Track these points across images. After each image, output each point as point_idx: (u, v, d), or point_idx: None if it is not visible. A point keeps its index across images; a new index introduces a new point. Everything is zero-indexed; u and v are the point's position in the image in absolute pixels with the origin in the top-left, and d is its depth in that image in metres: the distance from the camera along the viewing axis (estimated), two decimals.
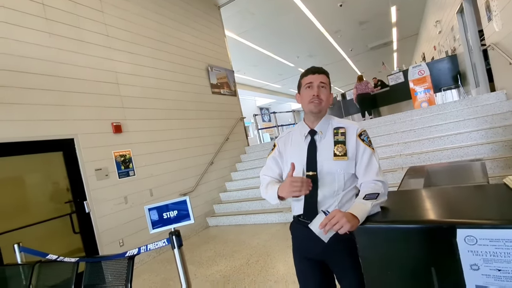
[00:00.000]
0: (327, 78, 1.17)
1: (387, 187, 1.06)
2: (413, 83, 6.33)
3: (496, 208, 0.84)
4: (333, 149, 1.13)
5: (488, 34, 4.24)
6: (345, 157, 1.11)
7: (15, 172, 2.94)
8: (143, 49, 4.50)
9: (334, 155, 1.12)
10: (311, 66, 1.20)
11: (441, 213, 0.86)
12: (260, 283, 2.56)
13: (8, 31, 2.94)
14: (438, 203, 0.95)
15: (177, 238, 1.49)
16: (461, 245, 0.76)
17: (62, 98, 3.29)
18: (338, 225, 0.88)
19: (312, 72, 1.16)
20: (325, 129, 1.18)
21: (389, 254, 0.87)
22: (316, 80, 1.14)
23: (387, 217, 0.92)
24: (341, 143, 1.13)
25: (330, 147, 1.14)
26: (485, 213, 0.81)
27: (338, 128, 1.16)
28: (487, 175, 1.74)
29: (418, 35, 11.54)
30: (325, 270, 1.21)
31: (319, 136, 1.17)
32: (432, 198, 1.02)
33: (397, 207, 1.00)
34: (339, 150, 1.12)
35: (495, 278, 0.74)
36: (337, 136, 1.15)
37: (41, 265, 2.26)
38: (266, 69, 12.39)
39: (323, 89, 1.15)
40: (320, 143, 1.16)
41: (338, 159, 1.11)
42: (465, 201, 0.92)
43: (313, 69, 1.18)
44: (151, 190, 4.14)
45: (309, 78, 1.16)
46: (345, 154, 1.11)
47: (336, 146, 1.13)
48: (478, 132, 3.77)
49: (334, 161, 1.11)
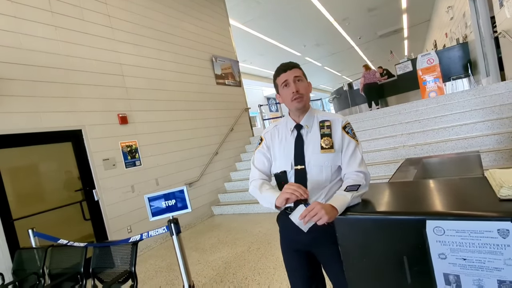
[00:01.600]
0: (299, 70, 1.17)
1: (368, 179, 1.10)
2: (422, 72, 6.19)
3: (467, 200, 0.88)
4: (320, 142, 1.15)
5: (500, 21, 4.09)
6: (332, 150, 1.13)
7: (28, 162, 3.10)
8: (147, 41, 4.54)
9: (321, 148, 1.14)
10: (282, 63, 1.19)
11: (414, 205, 0.90)
12: (259, 269, 2.67)
13: (16, 25, 3.03)
14: (415, 195, 0.99)
15: (175, 226, 1.58)
16: (430, 235, 0.81)
17: (69, 90, 3.39)
18: (317, 216, 0.92)
19: (283, 70, 1.17)
20: (311, 123, 1.20)
21: (365, 242, 0.92)
22: (290, 76, 1.15)
23: (366, 208, 0.97)
24: (327, 135, 1.15)
25: (317, 140, 1.16)
26: (455, 205, 0.84)
27: (324, 121, 1.18)
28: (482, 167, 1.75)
29: (430, 21, 11.13)
30: (312, 261, 1.26)
31: (305, 130, 1.19)
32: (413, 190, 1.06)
33: (379, 198, 1.04)
34: (326, 143, 1.14)
35: (461, 267, 0.79)
36: (323, 129, 1.17)
37: (53, 249, 2.41)
38: (272, 58, 12.25)
39: (300, 82, 1.15)
40: (306, 137, 1.18)
41: (325, 151, 1.14)
42: (441, 194, 0.95)
43: (282, 67, 1.18)
44: (157, 179, 4.27)
45: (283, 77, 1.16)
46: (331, 146, 1.14)
47: (323, 139, 1.15)
48: (484, 123, 3.71)
49: (321, 154, 1.14)
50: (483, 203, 0.81)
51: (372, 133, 4.76)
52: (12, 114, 2.89)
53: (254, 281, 2.48)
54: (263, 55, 11.59)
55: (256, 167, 1.29)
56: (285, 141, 1.22)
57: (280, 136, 1.25)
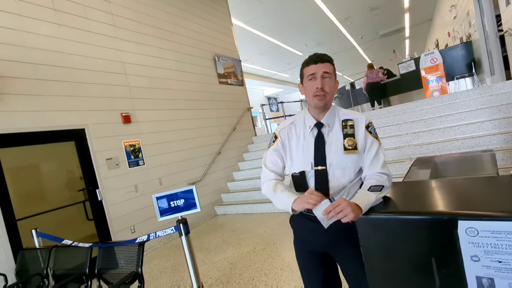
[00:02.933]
0: (331, 66, 1.09)
1: (391, 181, 1.06)
2: (425, 71, 6.14)
3: (499, 200, 0.84)
4: (343, 143, 1.09)
5: (506, 19, 4.05)
6: (355, 151, 1.08)
7: (31, 161, 3.05)
8: (150, 39, 4.50)
9: (345, 149, 1.08)
10: (313, 53, 1.10)
11: (443, 205, 0.87)
12: (266, 270, 2.63)
13: (20, 23, 2.99)
14: (441, 194, 0.95)
15: (184, 226, 1.54)
16: (462, 236, 0.77)
17: (72, 89, 3.35)
18: (342, 213, 0.88)
19: (314, 62, 1.07)
20: (332, 122, 1.13)
21: (389, 244, 0.88)
22: (319, 71, 1.06)
23: (388, 208, 0.93)
24: (350, 136, 1.09)
25: (340, 140, 1.10)
26: (488, 205, 0.81)
27: (347, 120, 1.11)
28: (496, 166, 1.71)
29: (432, 21, 11.09)
30: (328, 263, 1.21)
31: (327, 129, 1.12)
32: (436, 189, 1.02)
33: (400, 197, 1.01)
34: (349, 143, 1.08)
35: (496, 270, 0.75)
36: (346, 129, 1.10)
37: (57, 250, 2.38)
38: (274, 58, 12.22)
39: (327, 80, 1.07)
40: (328, 136, 1.12)
41: (349, 152, 1.08)
42: (469, 193, 0.92)
43: (315, 58, 1.08)
44: (160, 179, 4.23)
45: (312, 69, 1.07)
46: (355, 147, 1.08)
47: (346, 139, 1.09)
48: (491, 122, 3.67)
49: (345, 155, 1.08)
50: None
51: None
52: (15, 112, 2.85)
53: (261, 282, 2.44)
54: (264, 54, 11.55)
55: (269, 168, 1.22)
56: (304, 139, 1.15)
57: (297, 134, 1.17)
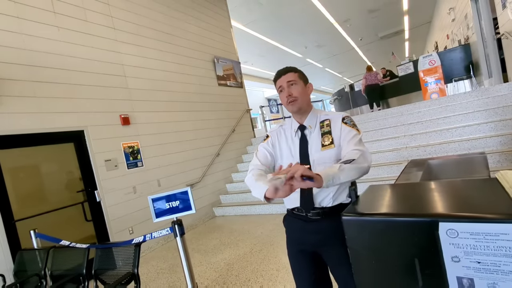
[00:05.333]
0: (294, 74, 1.20)
1: (366, 155, 1.07)
2: (423, 73, 6.18)
3: (480, 202, 0.86)
4: (321, 140, 1.19)
5: (502, 22, 4.09)
6: (331, 145, 1.17)
7: (30, 163, 3.08)
8: (149, 41, 4.54)
9: (322, 146, 1.18)
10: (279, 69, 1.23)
11: (427, 207, 0.89)
12: (262, 272, 2.65)
13: (20, 25, 3.02)
14: (426, 196, 0.98)
15: (179, 227, 1.57)
16: (443, 238, 0.79)
17: (72, 91, 3.38)
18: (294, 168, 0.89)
19: (278, 76, 1.22)
20: (314, 123, 1.23)
21: (375, 245, 0.90)
22: (283, 82, 1.19)
23: (373, 210, 0.95)
24: (327, 133, 1.19)
25: (319, 139, 1.20)
26: (468, 207, 0.83)
27: (323, 120, 1.22)
28: (488, 169, 1.73)
29: (431, 23, 11.14)
30: (319, 263, 1.26)
31: (309, 130, 1.23)
32: (423, 192, 1.04)
33: (385, 200, 1.03)
34: (325, 140, 1.18)
35: (475, 270, 0.77)
36: (323, 128, 1.21)
37: (55, 250, 2.40)
38: (273, 59, 12.26)
39: (294, 86, 1.19)
40: (310, 136, 1.22)
41: (326, 148, 1.17)
42: (454, 195, 0.94)
43: (277, 73, 1.23)
44: (158, 180, 4.25)
45: (278, 83, 1.21)
46: (331, 142, 1.17)
47: (323, 137, 1.19)
48: (488, 124, 3.70)
49: (323, 151, 1.17)
50: (497, 205, 0.79)
51: (374, 135, 4.74)
52: (15, 114, 2.88)
53: (257, 283, 2.46)
54: (264, 56, 11.60)
55: (258, 157, 1.29)
56: (291, 141, 1.26)
57: (286, 136, 1.28)
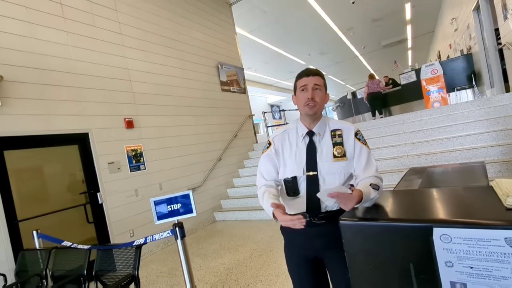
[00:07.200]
0: (321, 80, 1.19)
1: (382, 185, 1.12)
2: (426, 82, 6.20)
3: (474, 209, 0.88)
4: (333, 151, 1.18)
5: (504, 33, 4.12)
6: (344, 158, 1.17)
7: (34, 164, 3.13)
8: (155, 47, 4.62)
9: (334, 157, 1.17)
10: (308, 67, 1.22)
11: (421, 213, 0.91)
12: (261, 277, 2.65)
13: (30, 30, 3.11)
14: (422, 202, 1.00)
15: (180, 230, 1.59)
16: (437, 243, 0.81)
17: (78, 94, 3.45)
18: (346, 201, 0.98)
19: (306, 75, 1.18)
20: (323, 131, 1.21)
21: (371, 249, 0.92)
22: (310, 83, 1.16)
23: (370, 215, 0.97)
24: (339, 144, 1.18)
25: (329, 148, 1.19)
26: (462, 213, 0.85)
27: (335, 130, 1.21)
28: (487, 178, 1.75)
29: (434, 32, 11.22)
30: (319, 270, 1.26)
31: (318, 137, 1.21)
32: (419, 198, 1.06)
33: (383, 205, 1.05)
34: (338, 151, 1.17)
35: (468, 275, 0.79)
36: (335, 138, 1.19)
37: (57, 251, 2.42)
38: (277, 66, 12.38)
39: (318, 91, 1.17)
40: (319, 144, 1.20)
41: (338, 160, 1.16)
42: (448, 202, 0.96)
43: (307, 71, 1.19)
44: (160, 184, 4.29)
45: (304, 81, 1.18)
46: (344, 155, 1.17)
47: (335, 147, 1.18)
48: (489, 134, 3.70)
49: (334, 162, 1.16)
50: (490, 212, 0.81)
51: (376, 142, 4.76)
52: (22, 116, 2.94)
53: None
54: (268, 63, 11.72)
55: (262, 174, 1.28)
56: (296, 147, 1.23)
57: (290, 141, 1.25)
